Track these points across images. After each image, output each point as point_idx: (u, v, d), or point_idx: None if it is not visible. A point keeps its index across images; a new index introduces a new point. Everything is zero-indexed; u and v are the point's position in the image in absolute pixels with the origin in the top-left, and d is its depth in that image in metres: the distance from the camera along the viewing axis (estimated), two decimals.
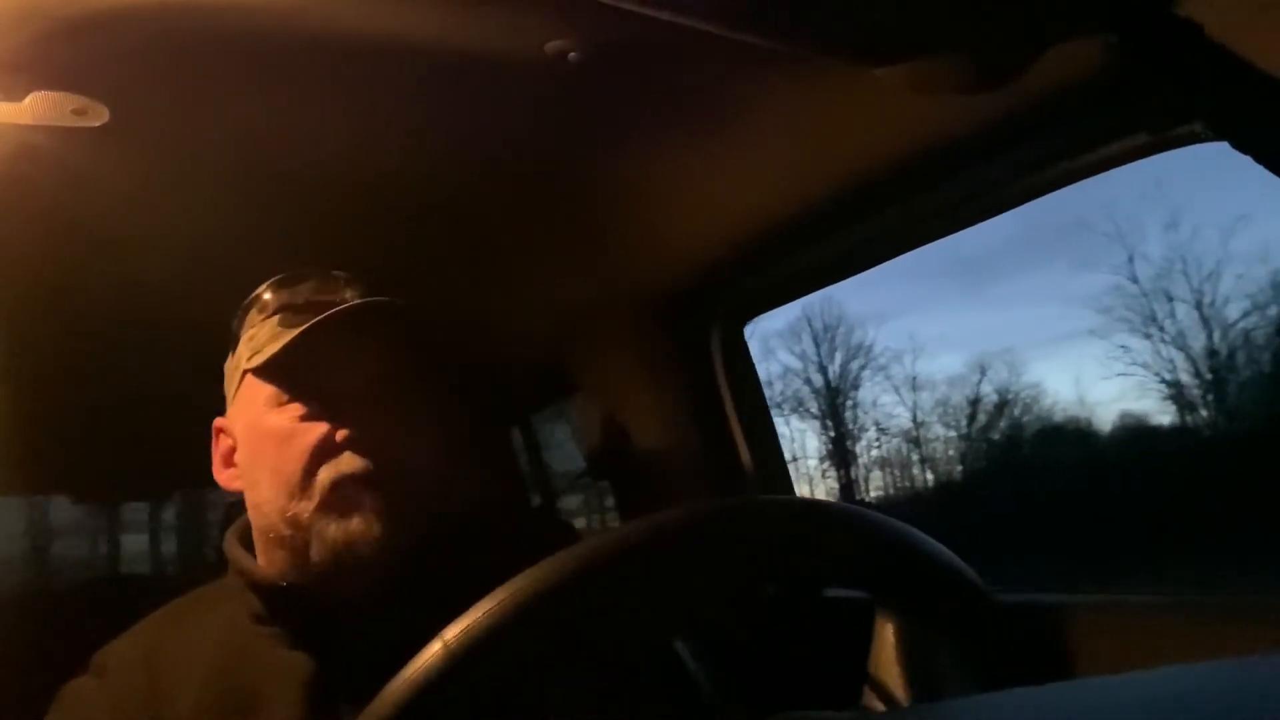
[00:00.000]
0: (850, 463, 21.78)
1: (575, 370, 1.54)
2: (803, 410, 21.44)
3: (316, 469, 0.81)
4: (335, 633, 0.81)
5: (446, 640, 0.53)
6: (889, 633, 0.67)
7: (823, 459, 21.55)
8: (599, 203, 1.21)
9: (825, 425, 21.70)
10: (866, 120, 0.96)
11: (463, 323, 1.46)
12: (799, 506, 0.75)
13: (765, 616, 1.16)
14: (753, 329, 1.45)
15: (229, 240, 1.10)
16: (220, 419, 0.92)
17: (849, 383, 21.81)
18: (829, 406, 21.69)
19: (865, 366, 21.89)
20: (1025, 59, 0.79)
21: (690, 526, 0.60)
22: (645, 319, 1.41)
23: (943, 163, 0.99)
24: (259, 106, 0.93)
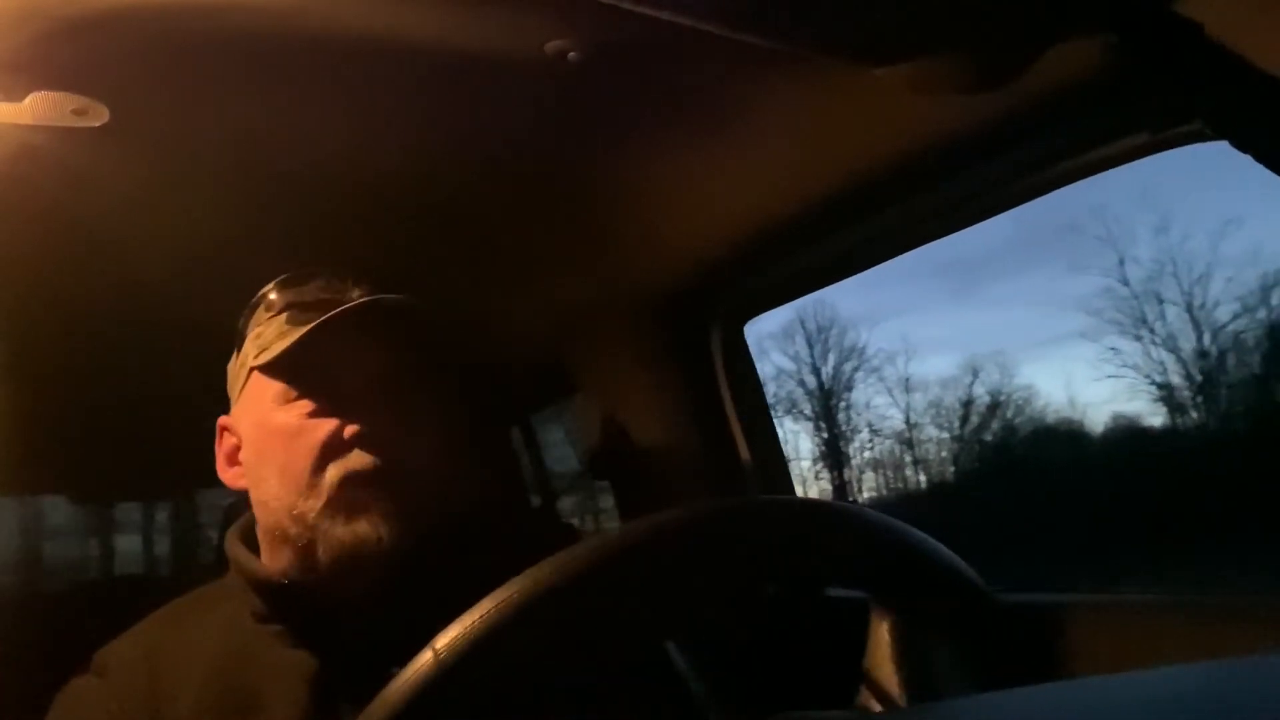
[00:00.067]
0: (843, 464, 21.80)
1: (575, 370, 1.54)
2: (796, 412, 21.46)
3: (325, 466, 0.80)
4: (337, 631, 0.81)
5: (437, 649, 0.52)
6: (884, 631, 0.67)
7: (816, 460, 21.57)
8: (599, 203, 1.21)
9: (819, 427, 21.73)
10: (866, 120, 0.96)
11: (463, 323, 1.46)
12: (799, 506, 0.75)
13: (765, 616, 1.15)
14: (746, 330, 1.45)
15: (229, 240, 1.10)
16: (224, 417, 0.92)
17: (842, 384, 21.84)
18: (822, 408, 21.71)
19: (858, 368, 21.93)
20: (1025, 59, 0.79)
21: (690, 526, 0.60)
22: (645, 319, 1.41)
23: (943, 163, 0.99)
24: (259, 106, 0.93)
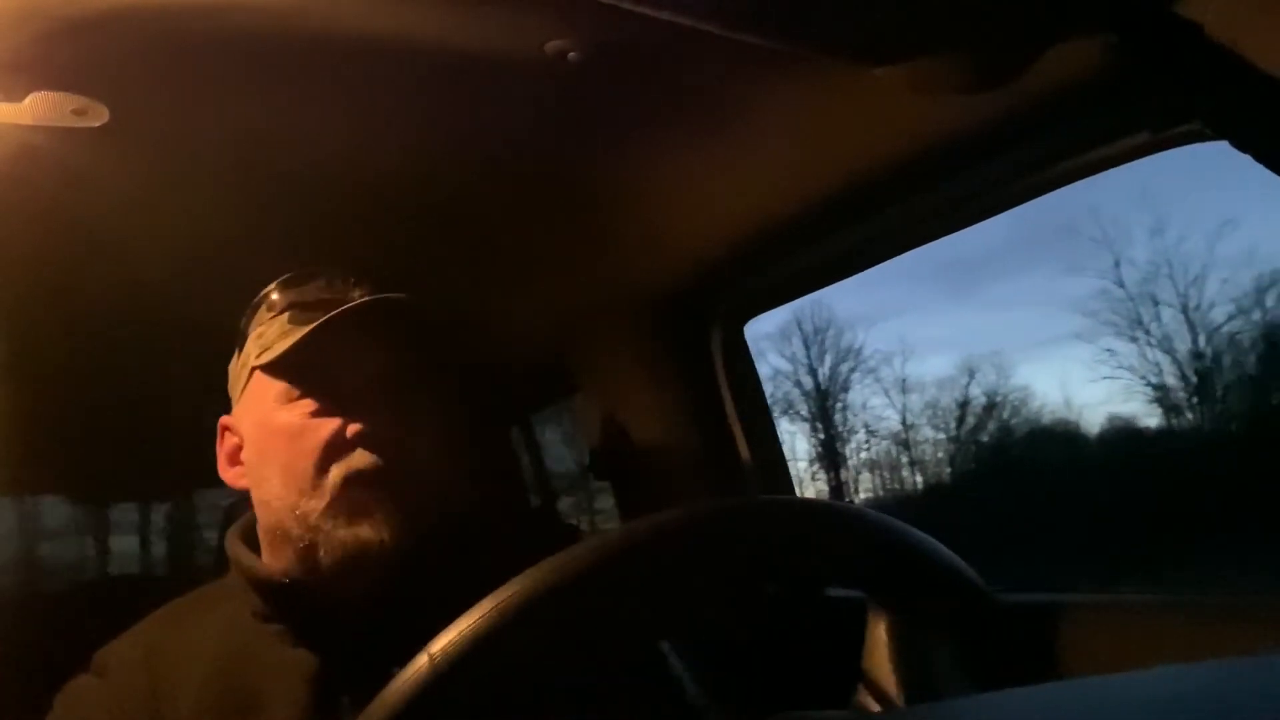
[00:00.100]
0: (840, 465, 21.78)
1: (576, 370, 1.54)
2: (792, 412, 21.39)
3: (328, 465, 0.80)
4: (337, 631, 0.81)
5: (432, 654, 0.52)
6: (881, 631, 0.67)
7: (812, 461, 21.52)
8: (599, 203, 1.21)
9: (815, 428, 21.68)
10: (866, 120, 0.96)
11: (464, 323, 1.46)
12: (799, 506, 0.75)
13: (765, 616, 1.15)
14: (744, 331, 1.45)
15: (229, 240, 1.10)
16: (226, 417, 0.91)
17: (838, 385, 21.80)
18: (819, 409, 21.67)
19: (855, 369, 21.87)
20: (1025, 59, 0.79)
21: (690, 526, 0.60)
22: (645, 319, 1.41)
23: (943, 163, 0.99)
24: (259, 106, 0.93)
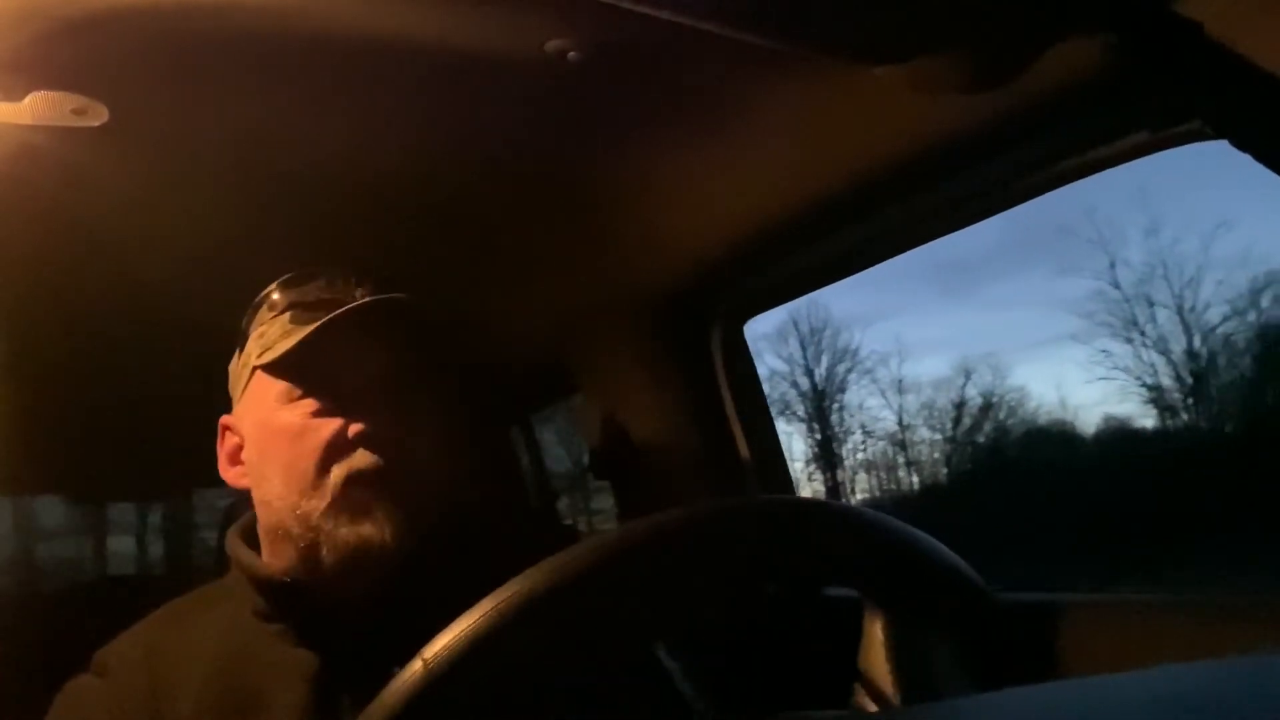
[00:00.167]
0: (836, 465, 21.78)
1: (576, 370, 1.54)
2: (789, 413, 21.41)
3: (329, 465, 0.80)
4: (338, 630, 0.81)
5: (426, 659, 0.52)
6: (878, 629, 0.67)
7: (809, 462, 21.53)
8: (599, 203, 1.21)
9: (811, 428, 21.69)
10: (866, 120, 0.96)
11: (464, 322, 1.46)
12: (799, 506, 0.75)
13: (765, 616, 1.15)
14: None
15: (228, 240, 1.10)
16: (226, 416, 0.91)
17: (835, 386, 21.81)
18: (815, 409, 21.68)
19: (851, 370, 21.89)
20: (1025, 59, 0.79)
21: (690, 526, 0.60)
22: (645, 319, 1.41)
23: (943, 163, 0.99)
24: (259, 106, 0.93)
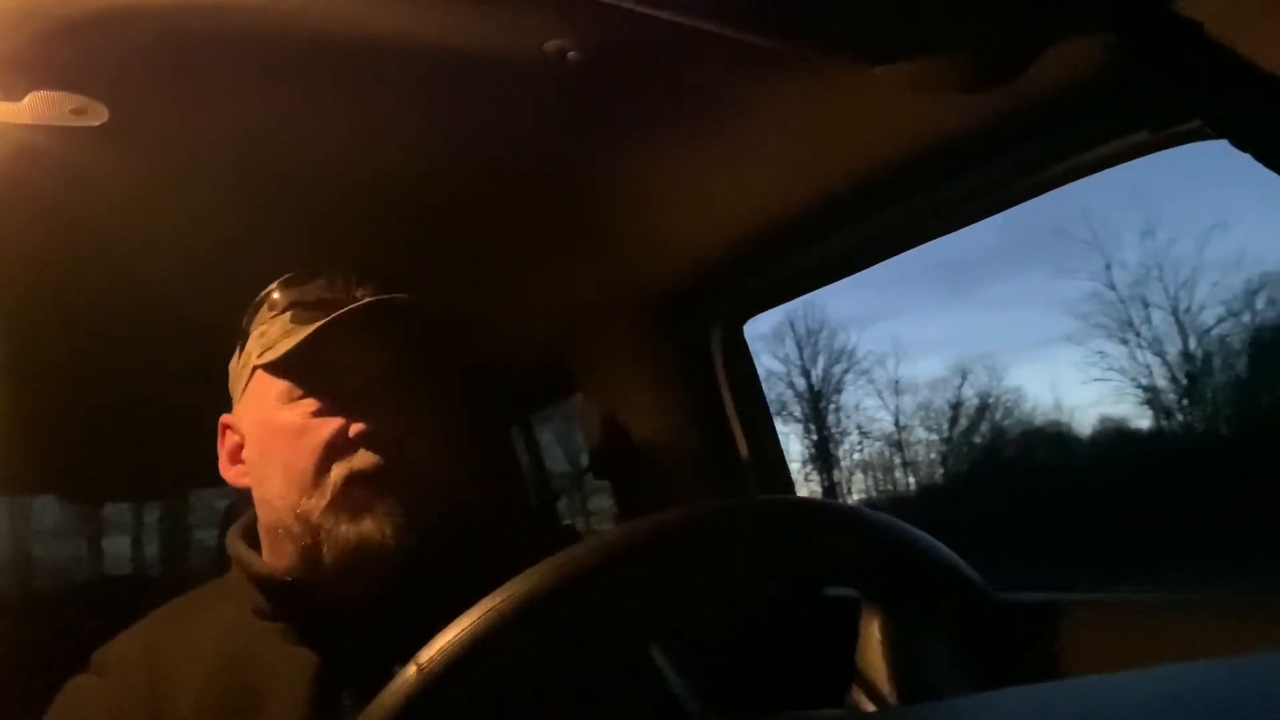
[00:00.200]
0: (833, 466, 21.80)
1: (576, 370, 1.54)
2: (785, 414, 21.39)
3: (329, 465, 0.80)
4: (338, 629, 0.81)
5: (420, 663, 0.52)
6: (875, 628, 0.67)
7: (805, 462, 21.53)
8: (599, 203, 1.21)
9: (808, 429, 21.70)
10: (866, 120, 0.96)
11: (464, 322, 1.46)
12: (799, 506, 0.75)
13: (764, 616, 1.15)
14: None
15: (228, 240, 1.10)
16: (227, 415, 0.91)
17: (831, 387, 21.83)
18: (811, 410, 21.69)
19: (848, 370, 21.91)
20: (1025, 59, 0.79)
21: (690, 526, 0.60)
22: (645, 319, 1.41)
23: (943, 162, 0.99)
24: (259, 106, 0.93)
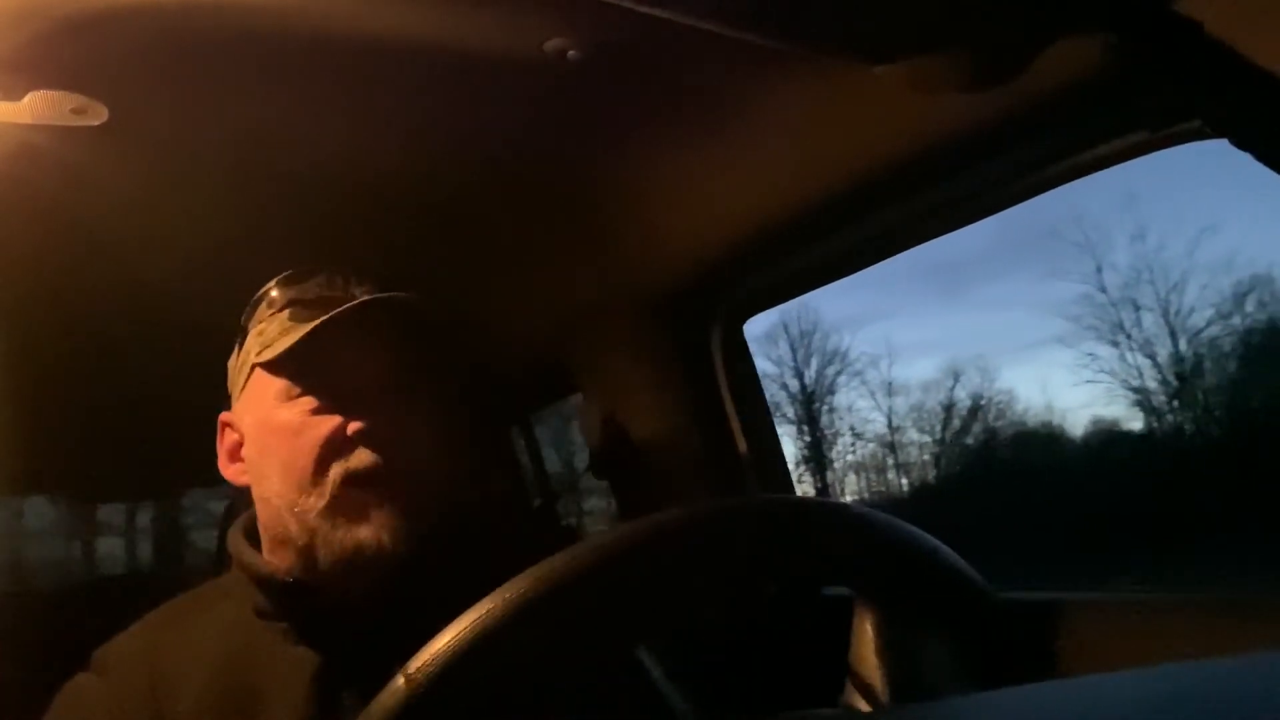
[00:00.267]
0: (826, 467, 21.83)
1: (576, 370, 1.54)
2: (779, 415, 21.41)
3: (328, 464, 0.80)
4: (339, 629, 0.81)
5: (409, 674, 0.51)
6: (868, 626, 0.66)
7: (798, 464, 21.56)
8: (599, 202, 1.21)
9: (801, 430, 21.72)
10: (866, 120, 0.96)
11: (463, 322, 1.46)
12: (799, 506, 0.75)
13: (763, 616, 1.15)
14: None
15: (228, 240, 1.10)
16: (226, 413, 0.91)
17: (825, 388, 21.85)
18: (805, 412, 21.71)
19: (841, 372, 21.93)
20: (1025, 58, 0.79)
21: (690, 526, 0.60)
22: (645, 319, 1.41)
23: (943, 162, 0.99)
24: (259, 106, 0.93)
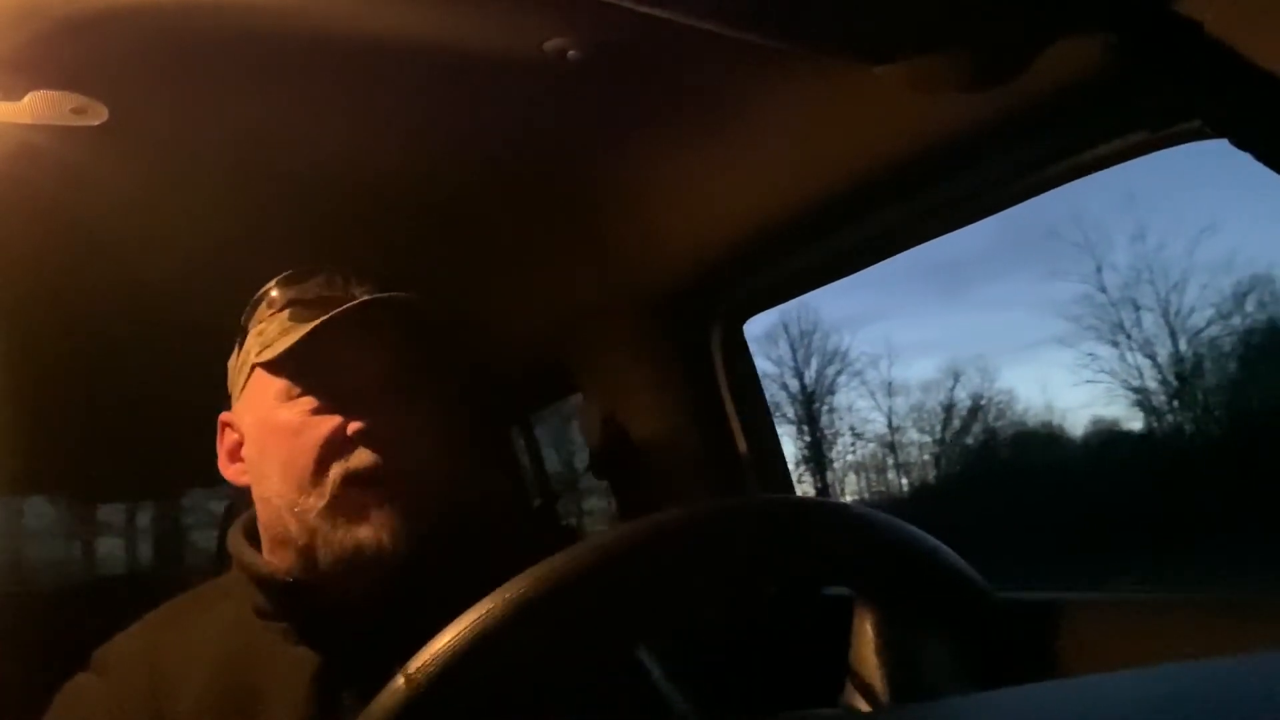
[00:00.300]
0: (826, 467, 21.83)
1: (576, 370, 1.54)
2: (779, 415, 21.37)
3: (328, 464, 0.80)
4: (339, 629, 0.81)
5: (409, 674, 0.51)
6: (867, 626, 0.66)
7: (798, 464, 21.53)
8: (599, 202, 1.21)
9: (801, 430, 21.70)
10: (866, 120, 0.96)
11: (464, 322, 1.46)
12: (799, 506, 0.75)
13: (763, 616, 1.15)
14: None
15: (228, 240, 1.10)
16: (226, 413, 0.91)
17: (824, 388, 21.84)
18: (805, 412, 21.70)
19: (841, 372, 21.92)
20: (1025, 58, 0.79)
21: (690, 526, 0.60)
22: (645, 319, 1.41)
23: (943, 162, 0.99)
24: (259, 106, 0.93)
